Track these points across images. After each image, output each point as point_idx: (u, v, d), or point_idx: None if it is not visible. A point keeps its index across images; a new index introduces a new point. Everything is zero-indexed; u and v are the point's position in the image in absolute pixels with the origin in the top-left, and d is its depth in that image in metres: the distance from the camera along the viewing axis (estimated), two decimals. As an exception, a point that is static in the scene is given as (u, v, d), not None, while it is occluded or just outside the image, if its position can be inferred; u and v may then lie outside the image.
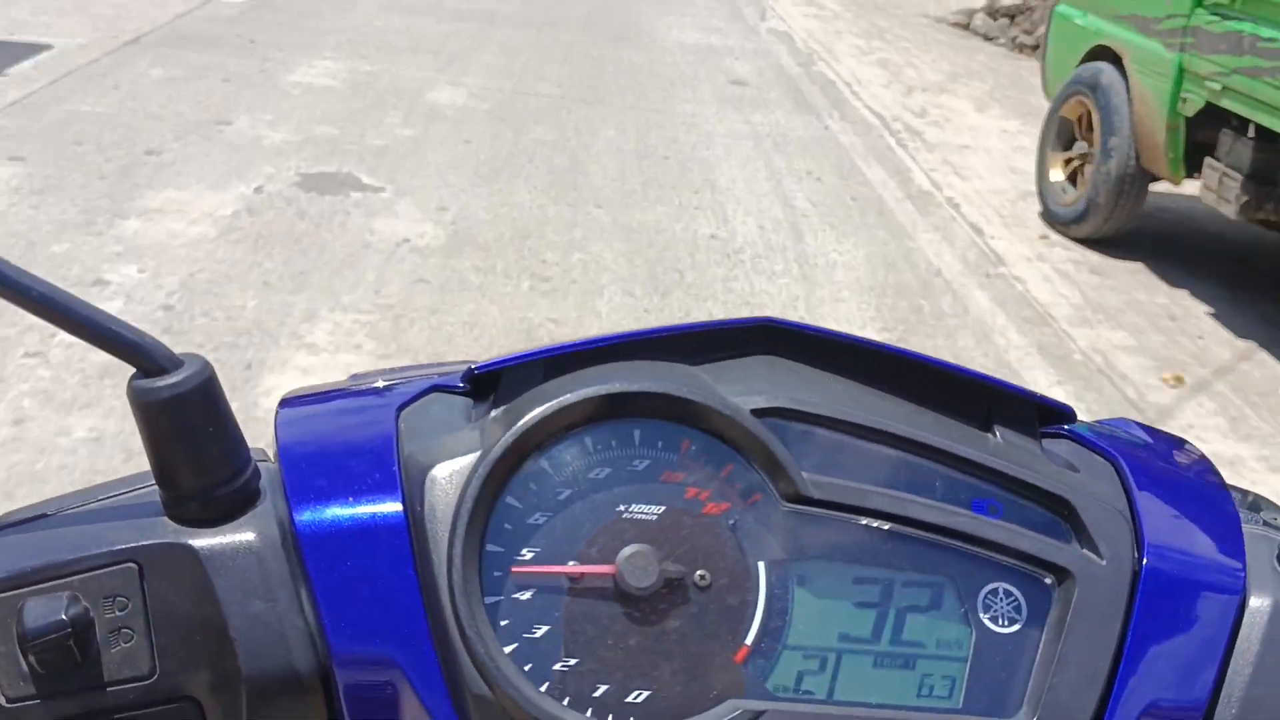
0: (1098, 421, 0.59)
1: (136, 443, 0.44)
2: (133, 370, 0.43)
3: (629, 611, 0.45)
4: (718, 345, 0.51)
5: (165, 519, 0.45)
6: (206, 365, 0.44)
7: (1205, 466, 0.57)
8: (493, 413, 0.49)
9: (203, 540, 0.44)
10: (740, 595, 0.46)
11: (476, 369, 0.50)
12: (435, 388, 0.51)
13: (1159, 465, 0.57)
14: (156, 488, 0.45)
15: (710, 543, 0.46)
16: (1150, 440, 0.60)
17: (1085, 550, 0.48)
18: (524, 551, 0.45)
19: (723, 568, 0.46)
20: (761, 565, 0.47)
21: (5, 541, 0.45)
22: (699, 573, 0.46)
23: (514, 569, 0.45)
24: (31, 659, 0.42)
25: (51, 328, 0.40)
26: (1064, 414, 0.54)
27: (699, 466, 0.47)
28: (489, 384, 0.50)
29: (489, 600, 0.45)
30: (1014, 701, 0.47)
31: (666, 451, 0.47)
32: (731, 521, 0.47)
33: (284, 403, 0.51)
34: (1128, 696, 0.46)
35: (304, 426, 0.49)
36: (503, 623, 0.45)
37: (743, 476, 0.47)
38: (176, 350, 0.43)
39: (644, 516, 0.46)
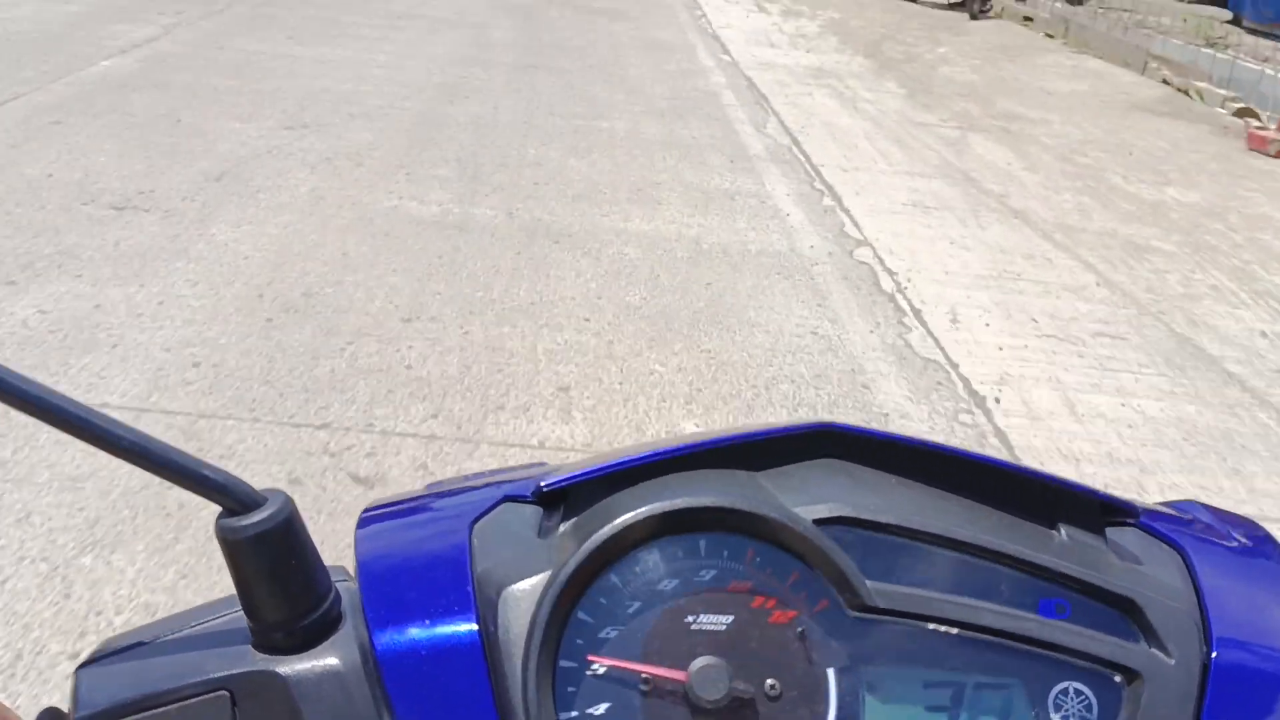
0: (1163, 504, 0.60)
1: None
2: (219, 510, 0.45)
3: None
4: (777, 451, 0.52)
5: (253, 648, 0.47)
6: (288, 501, 0.46)
7: (1275, 548, 0.57)
8: (561, 527, 0.50)
9: (289, 667, 0.46)
10: (810, 704, 0.47)
11: (544, 486, 0.51)
12: (507, 498, 0.52)
13: (1226, 552, 0.56)
14: (243, 614, 0.47)
15: (779, 651, 0.47)
16: (1217, 523, 0.59)
17: (1153, 649, 0.48)
18: (596, 666, 0.47)
19: (792, 677, 0.47)
20: (831, 673, 0.47)
21: (108, 670, 0.47)
22: (769, 682, 0.47)
23: (589, 656, 0.46)
24: None
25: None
26: (1128, 511, 0.54)
27: (764, 576, 0.48)
28: (558, 495, 0.52)
29: (563, 716, 0.46)
30: None
31: (732, 561, 0.48)
32: (799, 630, 0.48)
33: (364, 517, 0.53)
34: None
35: (382, 543, 0.51)
36: None
37: (808, 585, 0.48)
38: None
39: (713, 627, 0.47)
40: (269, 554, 0.45)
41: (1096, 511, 0.53)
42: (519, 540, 0.50)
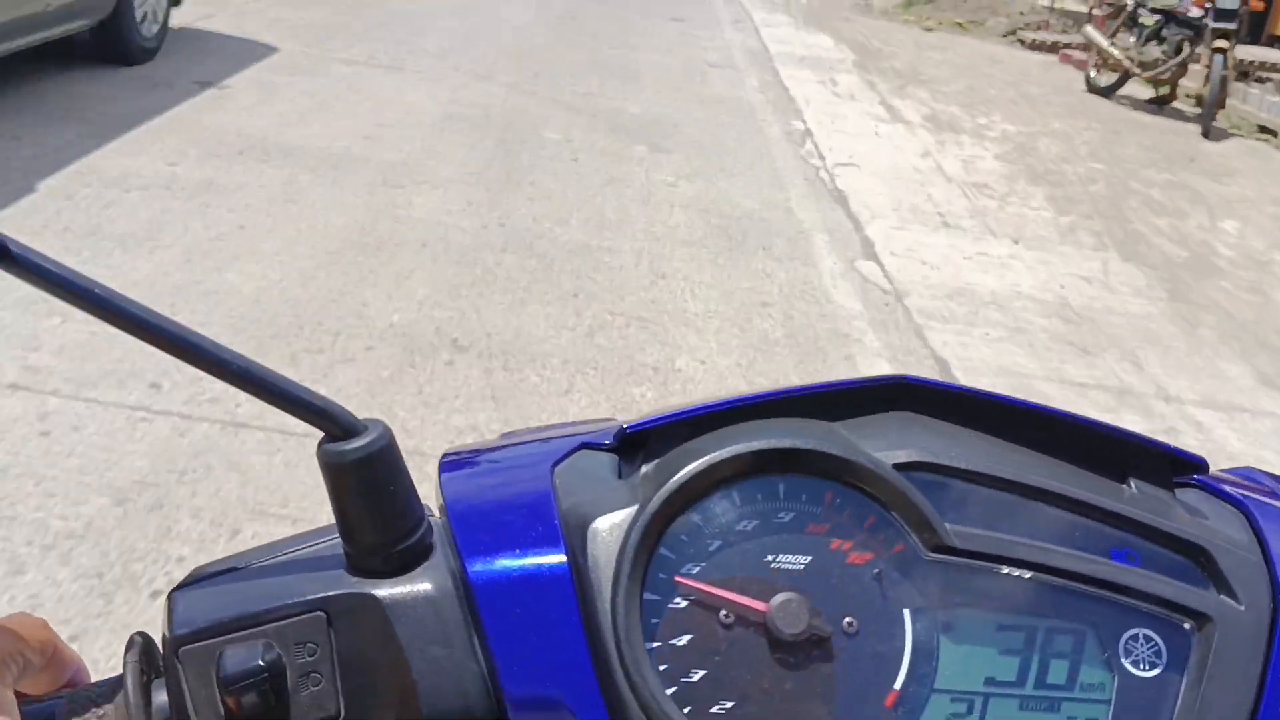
0: (1225, 470, 0.60)
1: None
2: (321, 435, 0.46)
3: (781, 656, 0.47)
4: (854, 402, 0.53)
5: (348, 572, 0.47)
6: (387, 430, 0.47)
7: None
8: (643, 469, 0.51)
9: (384, 590, 0.47)
10: (887, 642, 0.48)
11: (628, 428, 0.52)
12: (584, 445, 0.53)
13: None
14: (339, 541, 0.48)
15: (856, 591, 0.48)
16: (1277, 488, 0.60)
17: (1223, 596, 0.49)
18: (678, 599, 0.47)
19: (869, 616, 0.48)
20: (907, 613, 0.48)
21: (202, 592, 0.47)
22: (846, 619, 0.47)
23: (676, 578, 0.47)
24: (229, 701, 0.44)
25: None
26: (1195, 464, 0.54)
27: (842, 518, 0.49)
28: (636, 443, 0.52)
29: (648, 645, 0.47)
30: None
31: (810, 504, 0.49)
32: (876, 571, 0.48)
33: (445, 460, 0.53)
34: None
35: (467, 483, 0.52)
36: (662, 667, 0.47)
37: (885, 528, 0.49)
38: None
39: (791, 566, 0.48)
40: (369, 479, 0.46)
41: (1165, 466, 0.54)
42: (600, 481, 0.51)
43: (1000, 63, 10.84)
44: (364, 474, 0.46)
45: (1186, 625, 0.49)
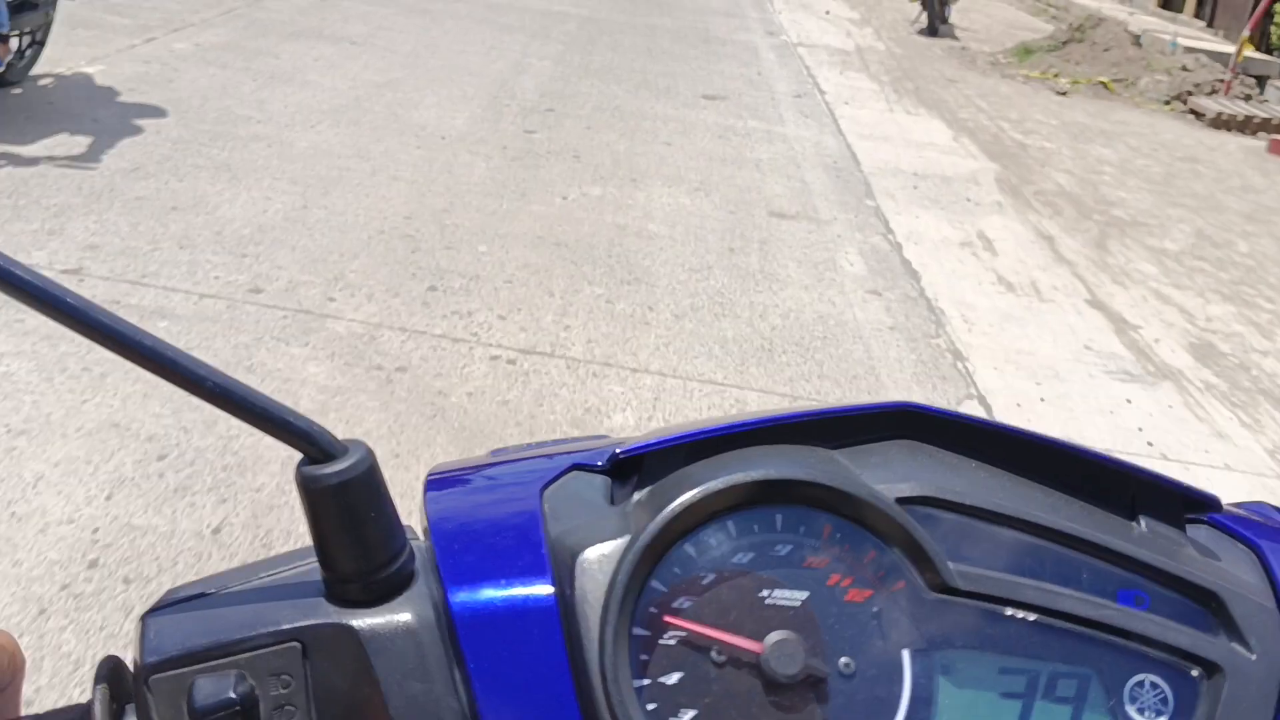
0: (1236, 505, 0.58)
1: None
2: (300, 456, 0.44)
3: (774, 698, 0.45)
4: (857, 430, 0.51)
5: (326, 600, 0.46)
6: (369, 453, 0.45)
7: None
8: (636, 495, 0.49)
9: (363, 621, 0.45)
10: (885, 685, 0.46)
11: (621, 453, 0.50)
12: (575, 466, 0.51)
13: None
14: (316, 567, 0.46)
15: (854, 631, 0.46)
16: None
17: (1234, 644, 0.48)
18: (668, 636, 0.46)
19: (867, 656, 0.46)
20: (906, 654, 0.46)
21: (175, 618, 0.46)
22: (843, 660, 0.46)
23: (665, 617, 0.46)
24: None
25: None
26: (1208, 503, 0.53)
27: (841, 552, 0.47)
28: (629, 465, 0.51)
29: (636, 684, 0.45)
30: None
31: (808, 537, 0.47)
32: (875, 609, 0.47)
33: (431, 479, 0.52)
34: None
35: (452, 505, 0.50)
36: (650, 706, 0.45)
37: (886, 565, 0.47)
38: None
39: (787, 602, 0.46)
40: (349, 504, 0.44)
41: (1177, 504, 0.52)
42: (591, 507, 0.50)
43: (1197, 161, 7.18)
44: (344, 499, 0.44)
45: (1195, 673, 0.47)
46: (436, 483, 0.51)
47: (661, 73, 7.70)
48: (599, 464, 0.51)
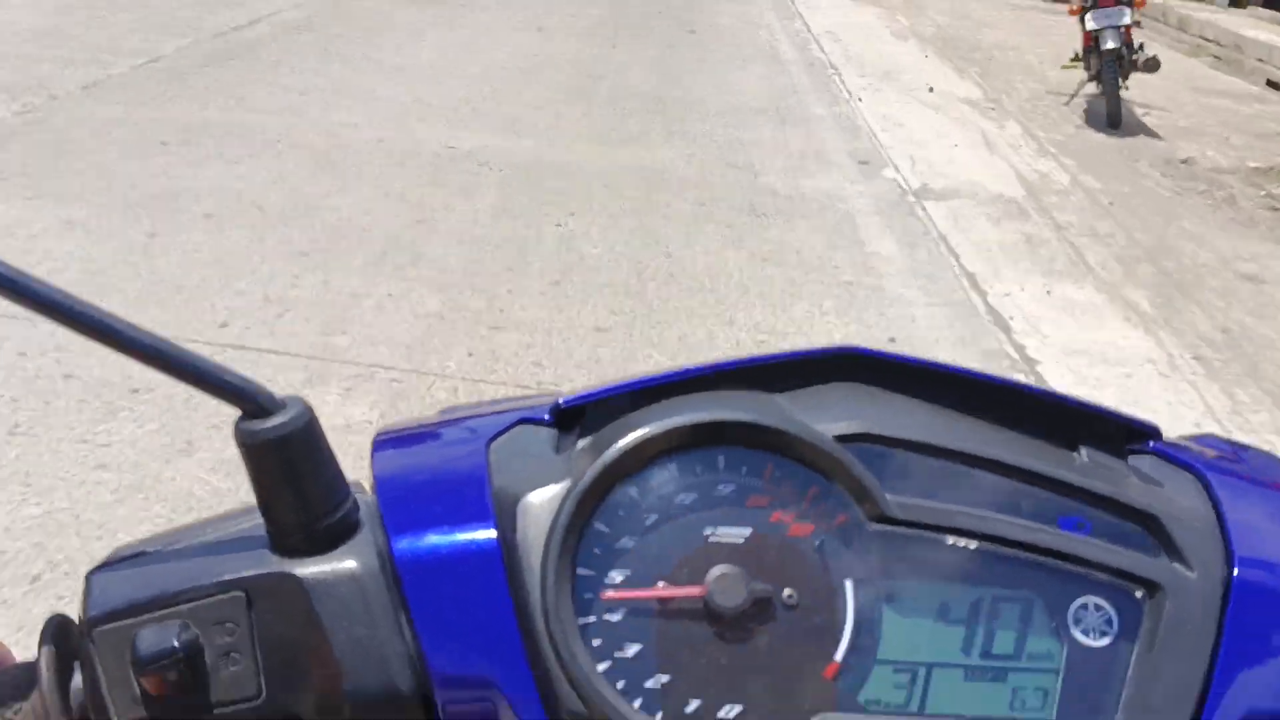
0: (1186, 438, 0.59)
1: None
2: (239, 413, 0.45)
3: (719, 630, 0.46)
4: (799, 374, 0.52)
5: (270, 551, 0.46)
6: (307, 407, 0.46)
7: None
8: (580, 443, 0.50)
9: (306, 569, 0.46)
10: (828, 613, 0.47)
11: (563, 403, 0.51)
12: (522, 420, 0.52)
13: (1246, 479, 0.56)
14: (261, 522, 0.47)
15: (797, 564, 0.47)
16: (1236, 454, 0.59)
17: (1174, 563, 0.48)
18: (613, 574, 0.46)
19: (810, 587, 0.47)
20: (849, 584, 0.47)
21: (119, 574, 0.46)
22: (787, 591, 0.46)
23: (604, 594, 0.46)
24: (145, 683, 0.44)
25: None
26: (1149, 431, 0.53)
27: (783, 491, 0.48)
28: (574, 417, 0.51)
29: (581, 621, 0.46)
30: (1107, 713, 0.46)
31: (750, 477, 0.48)
32: (817, 543, 0.47)
33: (379, 439, 0.52)
34: (1222, 707, 0.46)
35: (398, 460, 0.51)
36: (595, 642, 0.46)
37: (827, 499, 0.48)
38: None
39: (730, 540, 0.47)
40: (288, 457, 0.45)
41: (1118, 434, 0.53)
42: (536, 456, 0.50)
43: None
44: (282, 452, 0.45)
45: (1138, 594, 0.48)
46: (384, 441, 0.52)
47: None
48: (545, 417, 0.52)
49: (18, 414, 2.67)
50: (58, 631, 0.46)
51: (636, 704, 0.45)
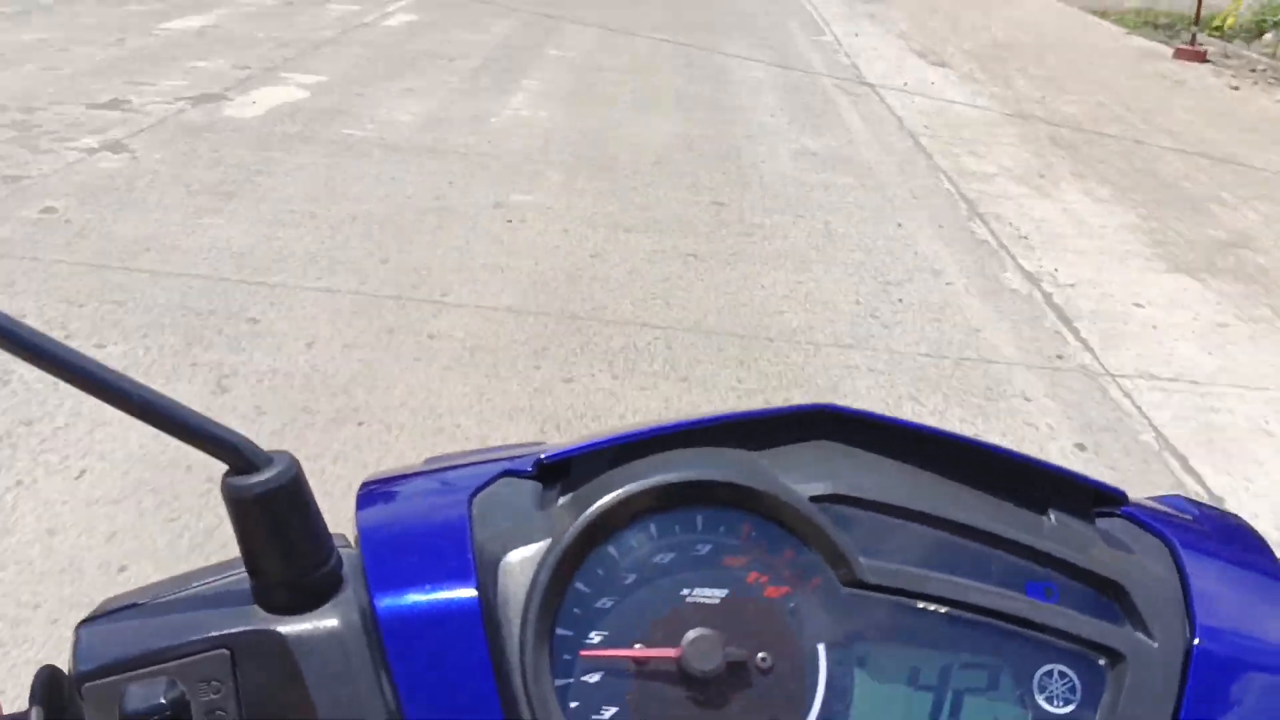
0: (1150, 499, 0.60)
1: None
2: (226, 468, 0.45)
3: (693, 695, 0.47)
4: (776, 431, 0.52)
5: (255, 607, 0.47)
6: (294, 463, 0.46)
7: (1258, 544, 0.57)
8: (561, 500, 0.50)
9: (290, 627, 0.46)
10: (802, 678, 0.47)
11: (545, 458, 0.51)
12: (506, 473, 0.52)
13: (1211, 545, 0.57)
14: (245, 575, 0.47)
15: (772, 626, 0.47)
16: (1203, 518, 0.60)
17: (1138, 632, 0.49)
18: (592, 635, 0.47)
19: (784, 651, 0.47)
20: (821, 648, 0.48)
21: (108, 628, 0.47)
22: (760, 655, 0.47)
23: (582, 653, 0.46)
24: None
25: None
26: (1117, 498, 0.54)
27: (760, 551, 0.48)
28: (558, 470, 0.52)
29: (559, 683, 0.46)
30: None
31: (728, 536, 0.49)
32: (792, 605, 0.48)
33: (363, 490, 0.52)
34: None
35: (382, 512, 0.51)
36: (572, 704, 0.46)
37: (802, 562, 0.48)
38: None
39: (707, 600, 0.48)
40: (275, 513, 0.45)
41: (1086, 499, 0.54)
42: (518, 512, 0.51)
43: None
44: (269, 508, 0.45)
45: (1101, 662, 0.49)
46: (369, 492, 0.52)
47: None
48: (528, 469, 0.52)
49: None
50: (48, 683, 0.47)
51: None
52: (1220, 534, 0.59)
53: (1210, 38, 9.49)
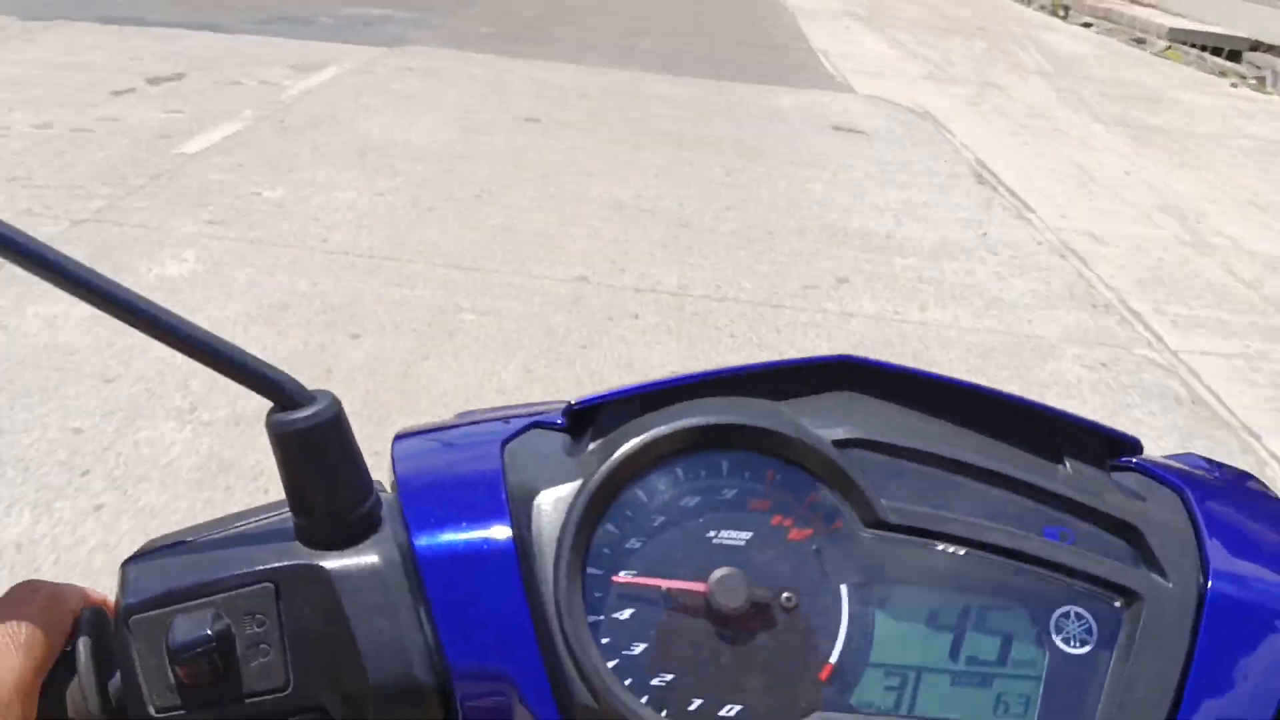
0: (1167, 456, 0.61)
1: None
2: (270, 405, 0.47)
3: (720, 630, 0.48)
4: (799, 381, 0.54)
5: (298, 543, 0.48)
6: (336, 400, 0.48)
7: (1269, 496, 0.59)
8: (590, 445, 0.52)
9: (332, 562, 0.48)
10: (824, 616, 0.48)
11: (575, 405, 0.53)
12: (536, 424, 0.54)
13: (1223, 496, 0.58)
14: (289, 514, 0.49)
15: (795, 566, 0.49)
16: (1215, 472, 0.61)
17: (1152, 574, 0.50)
18: (621, 574, 0.48)
19: (807, 590, 0.49)
20: (844, 588, 0.49)
21: (154, 564, 0.48)
22: (785, 594, 0.48)
23: (614, 578, 0.48)
24: (178, 671, 0.45)
25: None
26: (1131, 445, 0.55)
27: (783, 495, 0.50)
28: (585, 420, 0.53)
29: (591, 619, 0.48)
30: (1086, 718, 0.48)
31: (752, 481, 0.50)
32: (815, 547, 0.49)
33: (398, 438, 0.54)
34: (1195, 715, 0.48)
35: (418, 460, 0.53)
36: (604, 640, 0.48)
37: (825, 504, 0.50)
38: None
39: (732, 542, 0.49)
40: (318, 449, 0.47)
41: (1101, 447, 0.55)
42: (548, 457, 0.52)
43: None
44: (312, 444, 0.46)
45: (1117, 603, 0.49)
46: (405, 441, 0.54)
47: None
48: (558, 421, 0.54)
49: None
50: (93, 620, 0.48)
51: (643, 700, 0.47)
52: (1232, 487, 0.60)
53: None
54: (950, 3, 12.51)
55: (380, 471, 0.52)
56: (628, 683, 0.47)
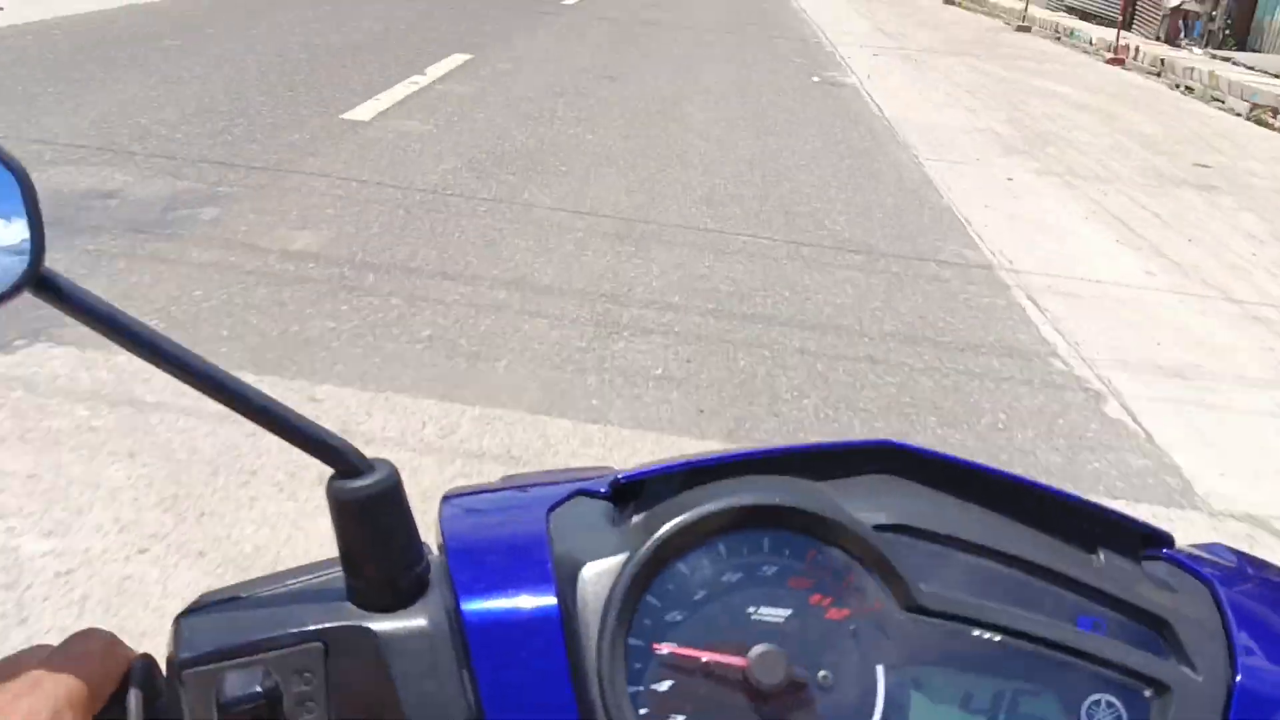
0: (1193, 546, 0.62)
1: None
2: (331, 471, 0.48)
3: (757, 705, 0.48)
4: (840, 463, 0.55)
5: (348, 603, 0.49)
6: (394, 470, 0.49)
7: None
8: (634, 518, 0.53)
9: (381, 624, 0.49)
10: (860, 697, 0.49)
11: (622, 478, 0.54)
12: (581, 491, 0.55)
13: (1251, 589, 0.59)
14: (340, 573, 0.50)
15: (833, 646, 0.50)
16: (1243, 564, 0.62)
17: (1182, 666, 0.51)
18: (662, 647, 0.49)
19: (844, 670, 0.49)
20: (880, 668, 0.50)
21: (208, 618, 0.49)
22: (822, 673, 0.49)
23: (655, 646, 0.49)
24: None
25: None
26: (1163, 539, 0.57)
27: (823, 575, 0.51)
28: (630, 492, 0.54)
29: (631, 689, 0.48)
30: None
31: (793, 560, 0.51)
32: (853, 627, 0.50)
33: (446, 499, 0.55)
34: None
35: (466, 522, 0.54)
36: (642, 710, 0.48)
37: (864, 586, 0.51)
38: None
39: (771, 619, 0.50)
40: (375, 517, 0.48)
41: (1134, 539, 0.56)
42: (594, 527, 0.53)
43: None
44: (371, 511, 0.48)
45: (1147, 693, 0.50)
46: (451, 501, 0.55)
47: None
48: (602, 490, 0.55)
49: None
50: (144, 673, 0.49)
51: None
52: (1260, 579, 0.61)
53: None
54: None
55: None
56: None
